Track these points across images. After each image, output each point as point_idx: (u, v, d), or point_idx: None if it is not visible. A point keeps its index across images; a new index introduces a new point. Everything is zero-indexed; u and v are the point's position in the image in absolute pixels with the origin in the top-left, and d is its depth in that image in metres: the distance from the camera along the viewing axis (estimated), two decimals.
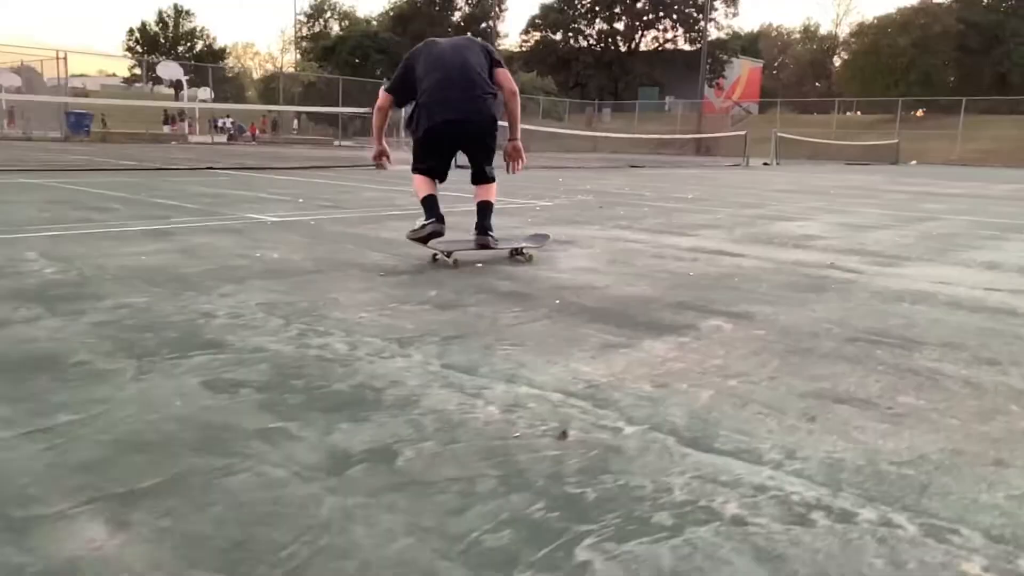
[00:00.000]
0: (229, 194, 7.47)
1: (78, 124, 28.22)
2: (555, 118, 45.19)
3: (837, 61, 62.81)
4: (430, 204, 4.05)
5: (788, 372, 2.22)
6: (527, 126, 28.02)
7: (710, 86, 58.15)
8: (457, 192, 5.13)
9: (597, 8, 61.15)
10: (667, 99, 55.02)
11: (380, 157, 4.30)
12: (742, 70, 63.82)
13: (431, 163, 4.12)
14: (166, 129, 37.08)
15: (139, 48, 71.37)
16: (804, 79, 78.91)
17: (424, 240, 3.99)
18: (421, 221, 4.03)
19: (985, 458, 1.64)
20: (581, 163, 19.97)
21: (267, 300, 2.89)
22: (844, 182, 14.53)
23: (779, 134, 27.05)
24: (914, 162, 33.51)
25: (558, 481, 1.45)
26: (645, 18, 62.07)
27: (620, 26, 62.39)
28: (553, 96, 46.35)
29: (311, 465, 1.48)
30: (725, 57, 58.95)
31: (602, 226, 5.81)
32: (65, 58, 28.61)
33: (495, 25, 62.97)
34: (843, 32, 66.01)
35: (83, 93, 55.48)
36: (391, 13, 63.09)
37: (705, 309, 3.03)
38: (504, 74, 4.08)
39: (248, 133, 36.81)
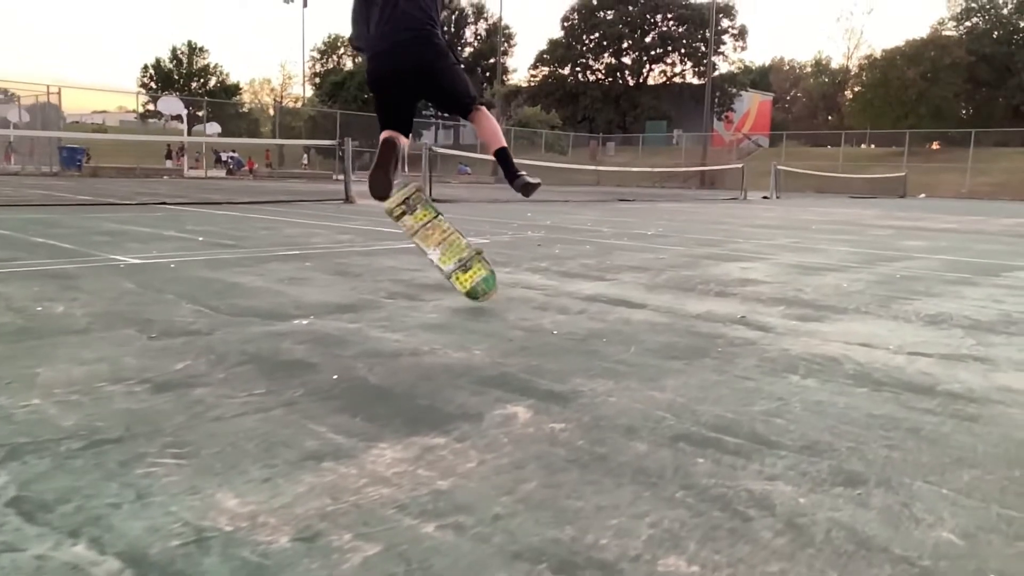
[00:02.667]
0: (131, 232, 6.87)
1: (70, 159, 28.06)
2: (559, 152, 44.84)
3: (849, 95, 62.18)
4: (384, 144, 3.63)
5: (535, 505, 1.52)
6: (530, 161, 27.66)
7: (719, 119, 57.80)
8: None
9: (605, 43, 61.10)
10: (675, 132, 54.66)
11: None
12: (752, 103, 63.51)
13: (389, 124, 3.68)
14: (168, 164, 36.97)
15: (153, 84, 72.04)
16: (816, 112, 78.45)
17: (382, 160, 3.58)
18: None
19: None
20: (568, 196, 19.36)
21: None
22: (834, 216, 13.80)
23: (780, 167, 26.37)
24: (923, 195, 32.74)
25: None
26: (653, 52, 61.92)
27: (628, 60, 62.28)
28: (557, 130, 45.97)
29: None
30: (734, 90, 58.61)
31: (515, 269, 5.14)
32: (59, 93, 28.55)
33: (504, 61, 63.11)
34: (854, 66, 65.50)
35: (102, 129, 55.87)
36: None
37: (521, 386, 2.33)
38: None
39: (246, 168, 36.57)
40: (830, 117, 74.67)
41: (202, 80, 73.67)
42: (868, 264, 6.05)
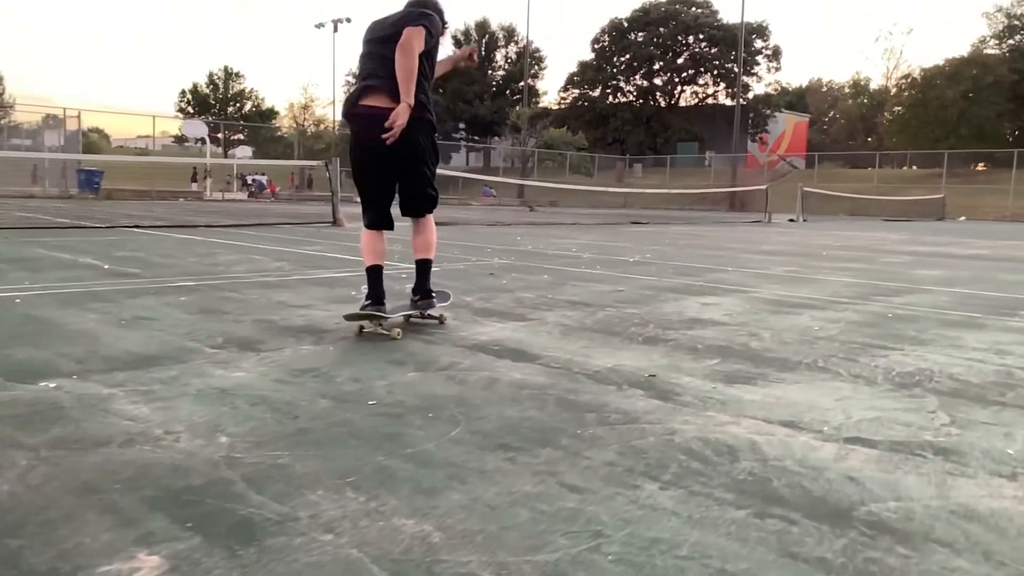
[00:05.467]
0: (44, 258, 6.24)
1: (88, 181, 28.01)
2: (585, 174, 44.10)
3: (888, 116, 60.44)
4: (371, 279, 3.53)
5: None
6: (554, 184, 26.97)
7: (752, 141, 56.65)
8: None
9: (635, 64, 60.39)
10: (707, 154, 53.65)
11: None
12: (787, 125, 62.24)
13: (364, 195, 3.60)
14: (194, 187, 36.91)
15: (190, 109, 72.86)
16: (854, 134, 76.70)
17: (355, 318, 3.46)
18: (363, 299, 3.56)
19: None
20: (581, 218, 18.56)
21: None
22: (855, 241, 12.79)
23: (808, 189, 25.31)
24: (963, 218, 31.33)
25: None
26: (685, 74, 61.07)
27: (659, 82, 61.46)
28: (584, 151, 45.23)
29: None
30: (768, 112, 57.40)
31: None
32: (78, 116, 28.63)
33: (534, 83, 62.72)
34: (893, 86, 63.81)
35: (144, 153, 56.65)
36: None
37: (214, 508, 1.55)
38: (405, 31, 3.28)
39: (268, 191, 36.41)
40: (869, 139, 72.89)
41: (238, 104, 74.39)
42: (861, 299, 5.15)
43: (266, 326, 3.56)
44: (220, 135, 58.92)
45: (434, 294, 3.74)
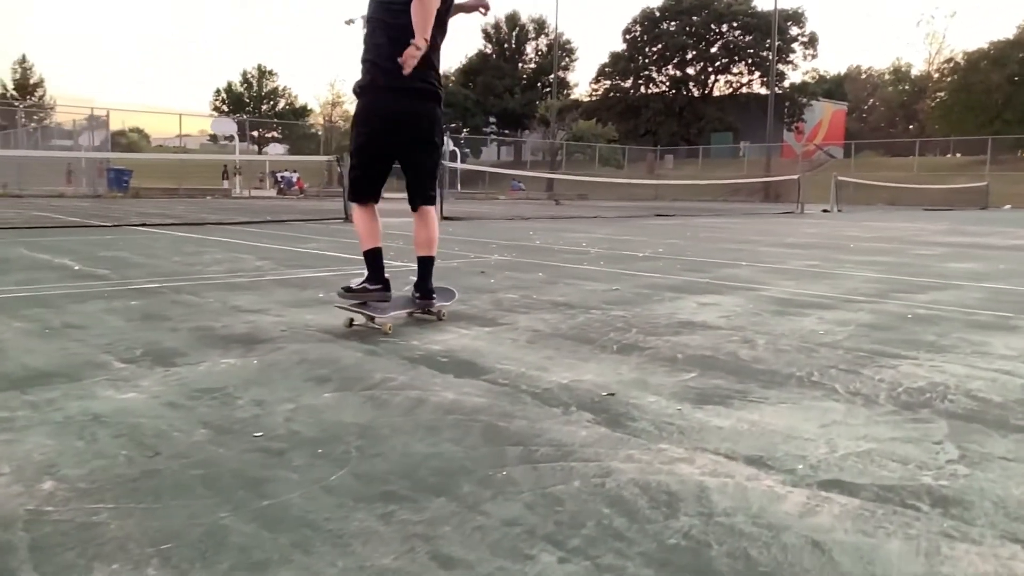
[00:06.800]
0: (20, 259, 6.01)
1: (117, 180, 28.19)
2: (615, 166, 43.49)
3: (930, 102, 58.66)
4: (373, 262, 3.47)
5: None
6: (583, 177, 26.52)
7: (788, 130, 55.46)
8: None
9: (668, 54, 59.42)
10: (741, 144, 52.64)
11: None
12: (824, 113, 60.90)
13: (361, 171, 3.47)
14: (224, 184, 37.00)
15: (225, 107, 73.40)
16: (895, 122, 74.84)
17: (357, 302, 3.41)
18: (360, 281, 3.47)
19: None
20: (603, 212, 18.07)
21: None
22: (888, 232, 12.17)
23: (843, 179, 24.53)
24: (1008, 206, 30.19)
25: None
26: (718, 63, 59.94)
27: (692, 71, 60.44)
28: (613, 143, 44.57)
29: None
30: (804, 100, 56.12)
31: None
32: (107, 115, 28.82)
33: (565, 75, 62.17)
34: (935, 71, 61.96)
35: (182, 150, 57.26)
36: (460, 66, 63.07)
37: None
38: None
39: (296, 187, 36.36)
40: (910, 126, 70.99)
41: (272, 103, 74.79)
42: (880, 297, 4.67)
43: (201, 334, 3.22)
44: (255, 132, 59.12)
45: (435, 293, 3.61)
